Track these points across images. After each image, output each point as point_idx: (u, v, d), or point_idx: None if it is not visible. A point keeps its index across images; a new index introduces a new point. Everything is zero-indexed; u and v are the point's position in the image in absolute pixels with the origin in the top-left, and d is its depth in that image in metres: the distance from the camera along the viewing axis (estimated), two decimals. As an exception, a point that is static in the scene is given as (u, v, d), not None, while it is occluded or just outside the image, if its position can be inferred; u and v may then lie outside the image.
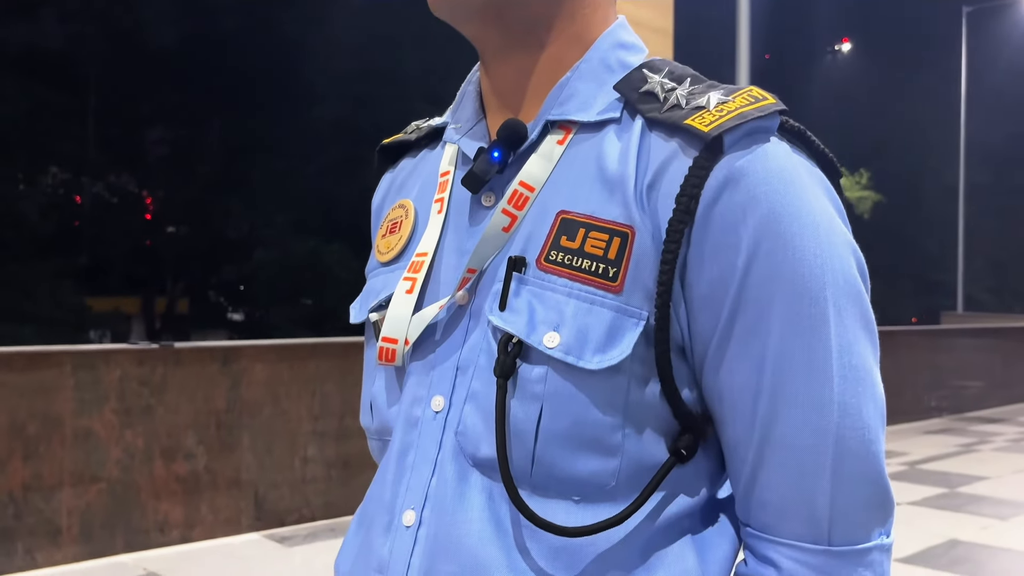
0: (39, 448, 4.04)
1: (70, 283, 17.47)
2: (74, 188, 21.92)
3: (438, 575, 0.67)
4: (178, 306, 22.34)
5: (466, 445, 0.69)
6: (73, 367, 4.15)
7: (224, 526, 4.58)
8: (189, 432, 4.48)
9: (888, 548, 0.67)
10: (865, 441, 0.65)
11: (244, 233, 22.34)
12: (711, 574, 0.68)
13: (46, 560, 4.04)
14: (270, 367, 4.78)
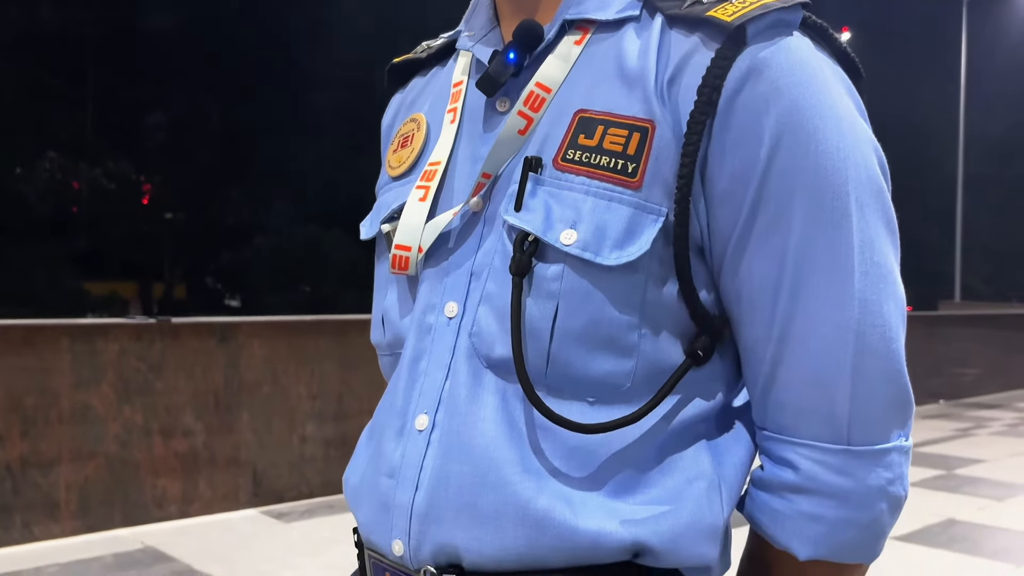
0: (37, 422, 4.02)
1: (67, 267, 17.46)
2: (72, 173, 21.87)
3: (451, 476, 0.66)
4: (175, 291, 22.32)
5: (480, 346, 0.67)
6: (70, 341, 4.14)
7: (222, 502, 4.57)
8: (187, 408, 4.47)
9: (907, 451, 0.66)
10: (886, 339, 0.64)
11: (243, 219, 22.32)
12: (727, 478, 0.66)
13: (44, 534, 4.03)
14: (268, 344, 4.76)
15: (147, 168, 23.12)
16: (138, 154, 22.47)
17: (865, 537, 0.65)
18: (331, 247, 18.60)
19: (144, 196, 23.73)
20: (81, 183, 22.23)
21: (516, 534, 0.63)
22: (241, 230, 21.55)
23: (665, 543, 0.63)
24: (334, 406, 4.98)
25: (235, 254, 20.98)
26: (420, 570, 0.67)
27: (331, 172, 20.09)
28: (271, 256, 19.35)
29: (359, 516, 0.73)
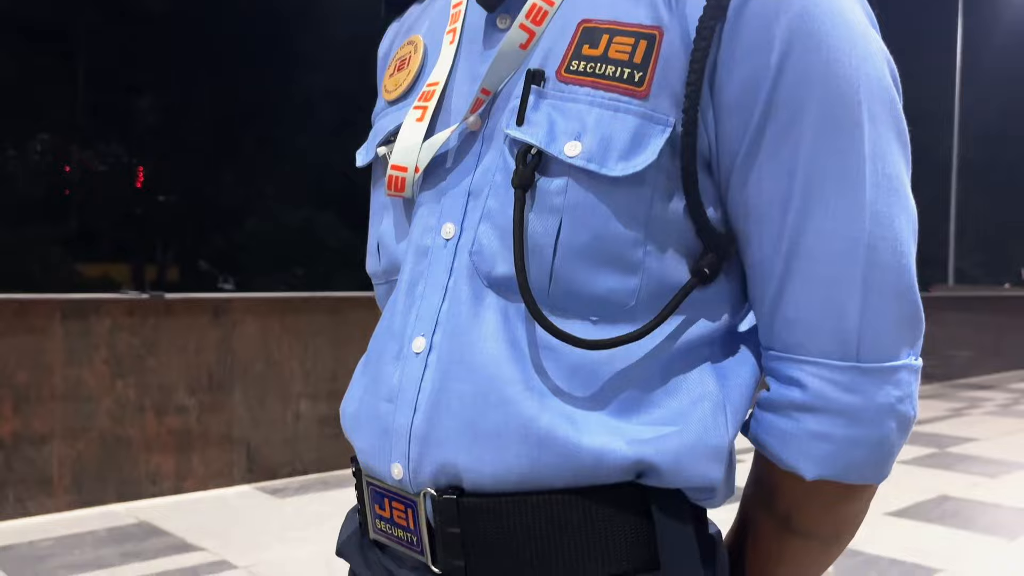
0: (29, 398, 4.00)
1: (59, 249, 17.37)
2: (64, 155, 21.74)
3: (451, 396, 0.64)
4: (168, 274, 22.24)
5: (481, 264, 0.66)
6: (63, 316, 4.11)
7: (216, 478, 4.56)
8: (181, 384, 4.46)
9: (917, 370, 0.65)
10: (897, 253, 0.62)
11: (236, 202, 22.23)
12: (732, 399, 0.65)
13: (37, 508, 4.02)
14: (261, 320, 4.74)
15: (140, 150, 23.00)
16: (130, 136, 22.36)
17: (873, 457, 0.64)
18: (324, 229, 18.55)
19: (137, 178, 23.62)
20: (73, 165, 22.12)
21: (518, 452, 0.62)
22: (234, 213, 21.47)
23: (669, 462, 0.62)
24: (328, 383, 4.97)
25: (228, 237, 20.90)
26: (420, 493, 0.65)
27: (324, 154, 19.99)
28: (264, 239, 19.28)
29: (357, 443, 0.71)
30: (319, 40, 20.38)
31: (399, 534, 0.68)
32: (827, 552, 0.69)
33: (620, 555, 0.62)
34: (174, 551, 3.59)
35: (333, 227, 18.31)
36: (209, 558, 3.51)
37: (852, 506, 0.67)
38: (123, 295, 4.44)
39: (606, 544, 0.62)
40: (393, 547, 0.69)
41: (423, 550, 0.66)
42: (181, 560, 3.49)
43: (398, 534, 0.68)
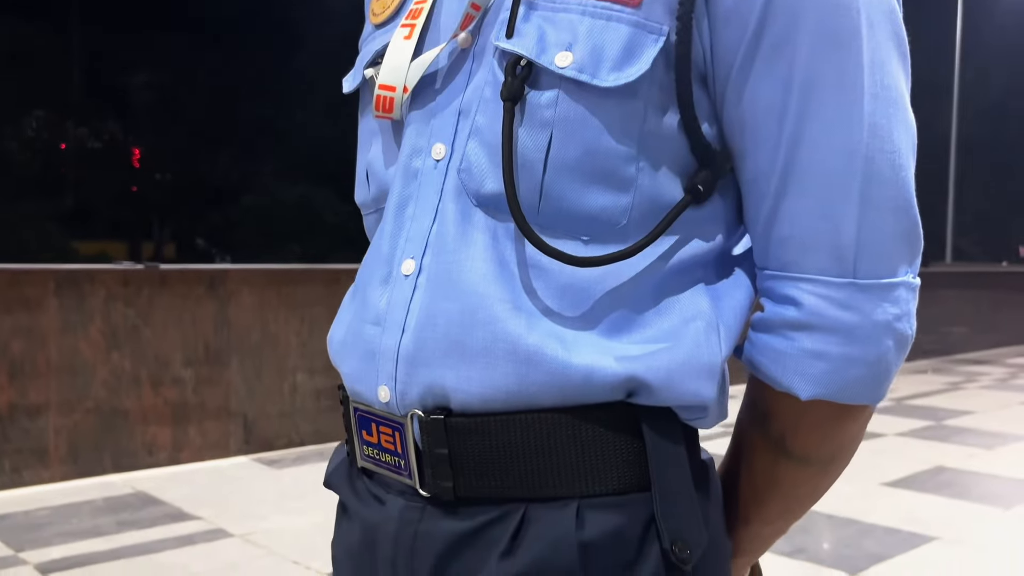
0: (25, 367, 3.99)
1: (56, 226, 17.33)
2: (59, 132, 21.65)
3: (438, 315, 0.62)
4: (165, 251, 22.20)
5: (469, 182, 0.64)
6: (57, 285, 4.09)
7: (212, 449, 4.56)
8: (176, 356, 4.44)
9: (915, 288, 0.63)
10: (896, 166, 0.61)
11: (232, 179, 22.17)
12: (725, 319, 0.64)
13: (33, 479, 4.01)
14: (258, 292, 4.72)
15: (135, 128, 22.92)
16: (126, 114, 22.27)
17: (870, 376, 0.62)
18: (321, 206, 18.51)
19: (133, 156, 23.55)
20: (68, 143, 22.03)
21: (506, 371, 0.60)
22: (230, 190, 21.42)
23: (660, 379, 0.61)
24: (324, 356, 4.95)
25: (224, 214, 20.86)
26: (407, 415, 0.64)
27: (320, 131, 19.91)
28: (261, 216, 19.25)
29: (344, 369, 0.70)
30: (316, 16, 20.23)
31: (386, 459, 0.66)
32: (823, 476, 0.67)
33: (610, 474, 0.61)
34: (170, 520, 3.59)
35: (330, 203, 18.26)
36: (205, 527, 3.51)
37: (848, 428, 0.65)
38: (117, 265, 4.42)
39: (595, 463, 0.60)
40: (381, 473, 0.68)
41: (411, 473, 0.64)
42: (177, 529, 3.49)
43: (385, 459, 0.67)
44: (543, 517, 0.61)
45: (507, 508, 0.62)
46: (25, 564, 3.08)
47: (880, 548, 3.45)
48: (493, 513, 0.62)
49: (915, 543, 3.52)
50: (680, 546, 0.60)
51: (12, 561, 3.11)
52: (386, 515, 0.67)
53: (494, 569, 0.61)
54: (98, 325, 4.20)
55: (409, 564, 0.64)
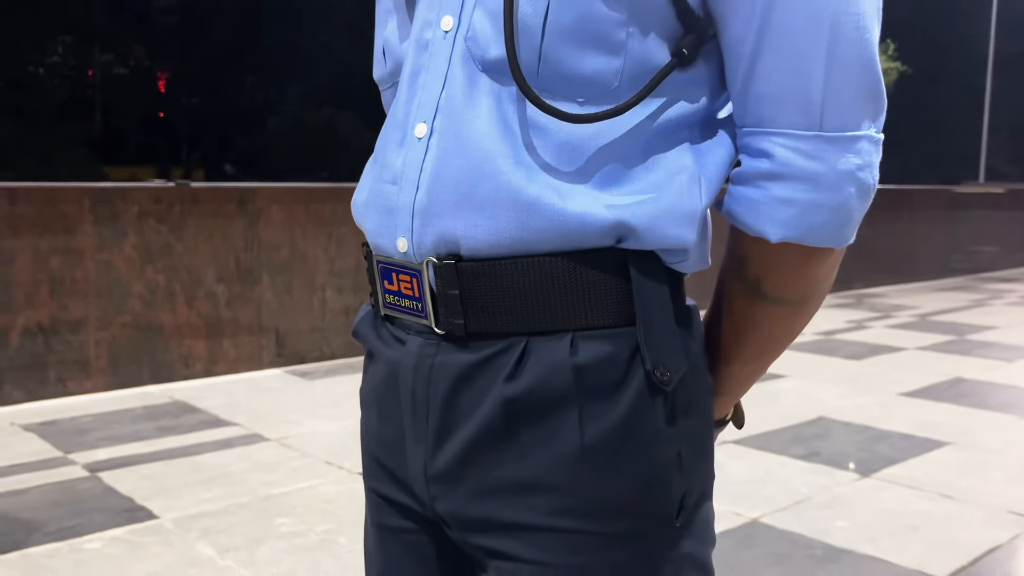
0: (64, 282, 4.13)
1: (85, 151, 17.47)
2: (86, 59, 21.65)
3: (448, 171, 0.70)
4: (194, 176, 22.34)
5: (475, 49, 0.70)
6: (91, 203, 4.20)
7: (246, 362, 4.71)
8: (209, 271, 4.56)
9: (877, 142, 0.69)
10: (860, 28, 0.66)
11: (257, 103, 22.14)
12: (707, 173, 0.70)
13: (76, 388, 4.19)
14: (286, 209, 4.81)
15: (161, 53, 22.85)
16: (151, 39, 22.18)
17: (834, 220, 0.69)
18: (347, 129, 18.48)
19: (159, 80, 23.54)
20: (95, 68, 22.04)
21: (508, 218, 0.67)
22: (255, 113, 21.41)
23: (645, 224, 0.68)
24: (352, 273, 5.07)
25: (251, 137, 20.90)
26: (423, 262, 0.71)
27: (343, 53, 19.75)
28: (286, 138, 19.26)
29: (367, 226, 0.77)
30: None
31: (406, 304, 0.74)
32: (795, 316, 0.75)
33: (601, 310, 0.68)
34: (208, 426, 3.75)
35: (356, 127, 18.23)
36: (241, 432, 3.67)
37: (816, 269, 0.72)
38: (149, 183, 4.52)
39: (589, 300, 0.68)
40: (401, 318, 0.76)
41: (427, 314, 0.72)
42: (215, 434, 3.65)
43: (405, 304, 0.75)
44: (542, 347, 0.69)
45: (511, 341, 0.70)
46: (74, 464, 3.25)
47: (894, 452, 3.54)
48: (499, 345, 0.70)
49: (928, 448, 3.61)
50: (661, 369, 0.68)
51: (62, 461, 3.28)
52: (407, 352, 0.75)
53: (499, 391, 0.69)
54: (132, 241, 4.32)
55: (426, 391, 0.73)
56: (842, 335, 6.15)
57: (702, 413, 0.74)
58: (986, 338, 6.12)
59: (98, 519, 2.77)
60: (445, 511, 0.74)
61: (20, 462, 3.27)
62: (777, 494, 3.06)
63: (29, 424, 3.74)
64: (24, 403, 4.03)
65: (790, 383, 4.69)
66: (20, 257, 4.02)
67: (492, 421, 0.70)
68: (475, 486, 0.72)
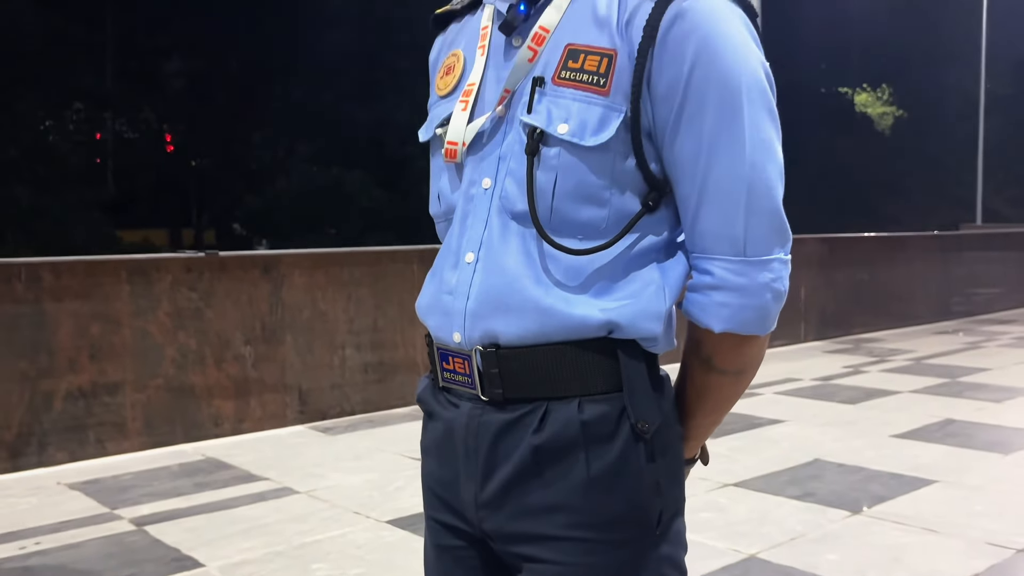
0: (103, 348, 4.42)
1: (99, 215, 17.88)
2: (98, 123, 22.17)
3: (489, 287, 0.99)
4: (205, 237, 22.71)
5: (506, 204, 1.00)
6: (128, 274, 4.51)
7: (272, 420, 4.98)
8: (236, 334, 4.86)
9: (785, 262, 0.99)
10: (768, 187, 0.96)
11: (266, 163, 22.59)
12: (670, 284, 1.00)
13: (115, 449, 4.45)
14: (308, 274, 5.12)
15: (169, 115, 23.40)
16: (160, 102, 22.72)
17: (757, 316, 0.98)
18: (353, 188, 18.89)
19: (168, 143, 24.08)
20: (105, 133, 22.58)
21: (532, 320, 0.96)
22: (265, 174, 21.85)
23: (627, 321, 0.96)
24: (370, 332, 5.36)
25: (260, 198, 21.32)
26: (472, 350, 1.00)
27: (350, 113, 20.26)
28: (295, 199, 19.66)
29: (429, 323, 1.06)
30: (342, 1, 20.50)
31: (460, 379, 1.03)
32: (738, 383, 1.04)
33: (599, 381, 0.97)
34: (241, 481, 4.01)
35: (364, 186, 18.65)
36: (273, 486, 3.93)
37: (749, 350, 1.01)
38: (181, 254, 4.84)
39: (590, 374, 0.96)
40: (456, 389, 1.04)
41: (475, 386, 1.01)
42: (248, 488, 3.91)
43: (459, 379, 1.03)
44: (558, 408, 0.97)
45: (536, 404, 0.98)
46: (120, 519, 3.51)
47: (883, 491, 3.79)
48: (527, 408, 0.99)
49: (916, 486, 3.85)
50: (642, 423, 0.97)
51: (109, 517, 3.54)
52: (460, 413, 1.04)
53: (529, 440, 0.98)
54: (165, 308, 4.63)
55: (475, 442, 1.01)
56: (839, 380, 6.41)
57: (674, 453, 1.02)
58: (978, 380, 6.37)
59: (150, 569, 3.02)
60: (491, 528, 1.02)
61: (71, 518, 3.53)
62: (773, 532, 3.31)
63: (74, 483, 4.01)
64: (66, 463, 4.29)
65: (789, 428, 4.95)
66: (63, 325, 4.32)
67: (524, 462, 0.98)
68: (513, 509, 1.00)
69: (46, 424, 4.26)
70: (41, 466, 4.23)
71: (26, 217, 15.63)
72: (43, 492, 3.89)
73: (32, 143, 17.18)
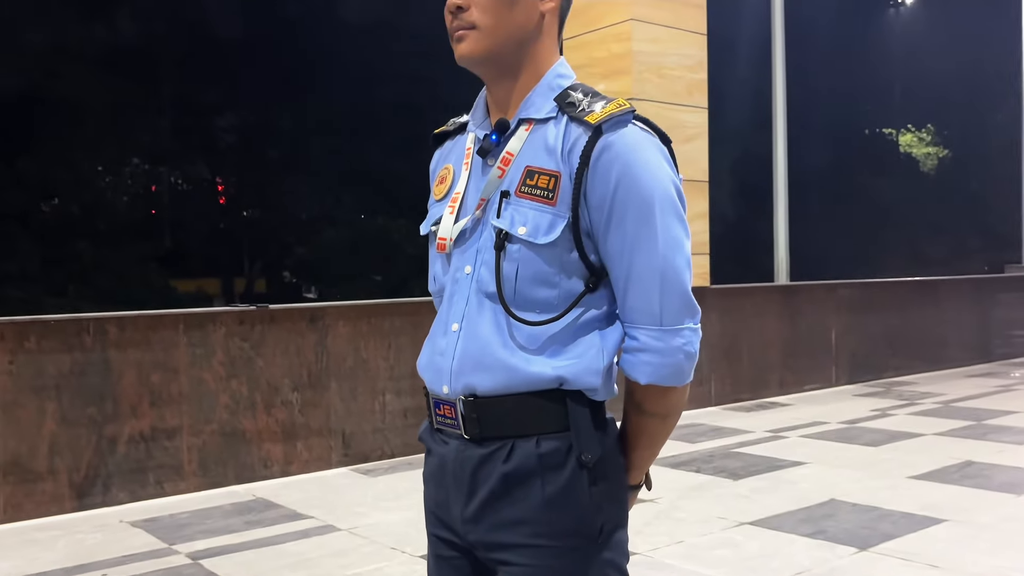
0: (162, 396, 4.79)
1: (155, 266, 18.56)
2: (154, 177, 23.03)
3: (467, 350, 1.28)
4: (256, 286, 23.34)
5: (482, 286, 1.30)
6: (185, 326, 4.89)
7: (317, 462, 5.30)
8: (285, 381, 5.20)
9: (695, 330, 1.27)
10: (678, 274, 1.25)
11: (314, 213, 23.21)
12: (607, 347, 1.28)
13: (172, 490, 4.80)
14: (351, 324, 5.47)
15: (222, 169, 24.22)
16: (213, 155, 23.54)
17: (673, 372, 1.26)
18: (399, 237, 19.38)
19: (220, 196, 24.90)
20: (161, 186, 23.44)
21: (501, 376, 1.25)
22: (313, 224, 22.46)
23: (573, 376, 1.25)
24: (409, 379, 5.67)
25: (309, 247, 21.92)
26: (456, 399, 1.29)
27: (395, 164, 20.84)
28: (343, 248, 20.20)
29: (426, 378, 1.36)
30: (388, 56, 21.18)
31: (448, 422, 1.32)
32: (665, 423, 1.31)
33: (552, 423, 1.25)
34: (287, 519, 4.32)
35: (409, 234, 19.12)
36: (317, 523, 4.23)
37: (671, 397, 1.29)
38: (234, 307, 5.21)
39: (545, 418, 1.25)
40: (446, 430, 1.33)
41: (460, 427, 1.29)
42: (295, 525, 4.21)
43: (448, 422, 1.32)
44: (522, 444, 1.26)
45: (505, 441, 1.27)
46: (178, 553, 3.83)
47: (893, 529, 3.97)
48: (498, 444, 1.27)
49: (926, 524, 4.02)
50: (585, 455, 1.25)
51: (168, 552, 3.86)
52: (449, 449, 1.33)
53: (500, 469, 1.26)
54: (219, 358, 4.99)
55: (461, 471, 1.30)
56: (865, 423, 6.56)
57: (615, 479, 1.30)
58: (1003, 422, 6.47)
59: (205, 596, 3.33)
60: (474, 539, 1.31)
61: (133, 552, 3.86)
62: (781, 567, 3.52)
63: (135, 521, 4.35)
64: (128, 503, 4.64)
65: (809, 469, 5.13)
66: (126, 374, 4.70)
67: (496, 486, 1.27)
68: (489, 523, 1.28)
69: (111, 466, 4.62)
70: (105, 505, 4.58)
71: (87, 270, 16.33)
72: (107, 529, 4.23)
73: (93, 200, 17.96)
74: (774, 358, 7.88)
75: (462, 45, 1.31)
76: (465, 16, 1.30)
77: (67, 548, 3.95)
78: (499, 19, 1.29)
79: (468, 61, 1.32)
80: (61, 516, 4.43)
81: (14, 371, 4.40)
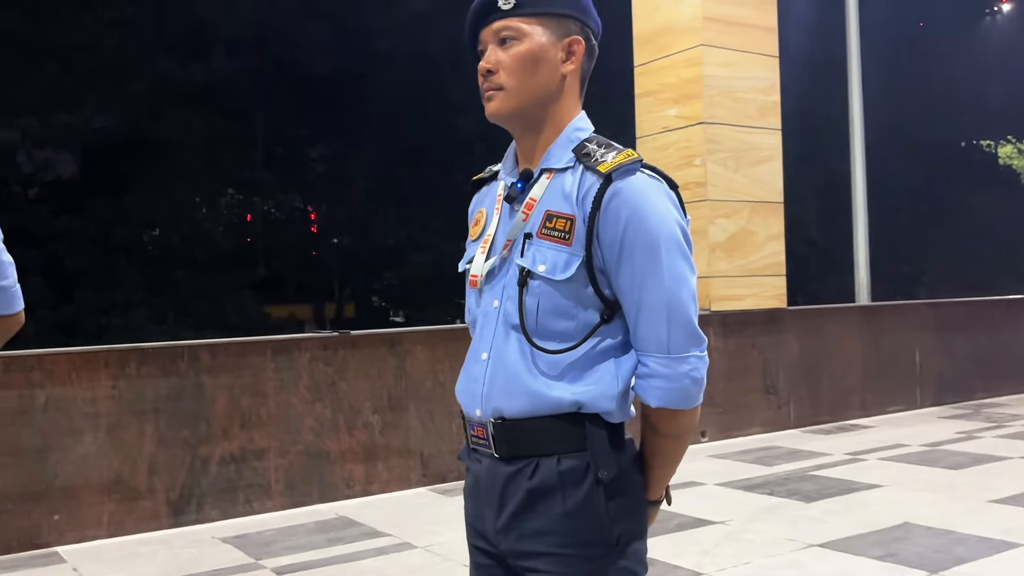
0: (251, 419, 5.06)
1: (250, 293, 19.25)
2: (248, 207, 23.90)
3: (497, 378, 1.43)
4: (345, 311, 23.94)
5: (508, 319, 1.44)
6: (273, 352, 5.16)
7: (397, 482, 5.50)
8: (366, 404, 5.43)
9: (701, 357, 1.39)
10: (683, 306, 1.37)
11: (401, 240, 23.71)
12: (621, 375, 1.41)
13: (260, 508, 5.05)
14: (429, 348, 5.67)
15: (313, 198, 24.98)
16: (304, 186, 24.31)
17: (681, 397, 1.38)
18: (483, 261, 19.62)
19: (312, 224, 25.67)
20: (255, 215, 24.30)
21: (526, 401, 1.39)
22: (400, 249, 22.95)
23: (589, 400, 1.37)
24: (486, 401, 5.82)
25: (396, 272, 22.39)
26: (487, 422, 1.43)
27: (479, 191, 21.13)
28: (428, 272, 20.60)
29: (462, 403, 1.50)
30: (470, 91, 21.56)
31: (481, 442, 1.46)
32: (678, 443, 1.43)
33: (572, 443, 1.37)
34: (367, 537, 4.51)
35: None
36: (395, 541, 4.41)
37: (682, 419, 1.40)
38: (318, 334, 5.47)
39: (565, 438, 1.38)
40: (480, 449, 1.47)
41: (491, 447, 1.43)
42: (373, 543, 4.40)
43: (481, 442, 1.46)
44: (545, 463, 1.39)
45: (530, 460, 1.40)
46: (264, 568, 4.06)
47: (967, 553, 3.93)
48: (524, 463, 1.41)
49: (1001, 549, 3.97)
50: (602, 472, 1.37)
51: (255, 567, 4.09)
52: (483, 467, 1.47)
53: (525, 485, 1.40)
54: (305, 382, 5.24)
55: (492, 487, 1.44)
56: (948, 446, 6.44)
57: (633, 494, 1.42)
58: (1095, 445, 6.27)
59: (288, 608, 3.53)
60: (506, 549, 1.44)
61: (223, 567, 4.10)
62: (847, 588, 3.53)
63: (226, 537, 4.60)
64: (219, 520, 4.91)
65: (885, 492, 5.09)
66: (218, 398, 4.98)
67: (522, 500, 1.40)
68: (518, 533, 1.42)
69: (204, 485, 4.90)
70: (198, 523, 4.85)
71: (185, 298, 17.07)
72: (200, 545, 4.49)
73: (190, 230, 18.76)
74: (855, 380, 7.78)
75: (491, 104, 1.47)
76: (494, 78, 1.45)
77: (165, 562, 4.21)
78: (523, 81, 1.44)
79: (496, 118, 1.47)
80: (159, 532, 4.72)
81: (116, 395, 4.72)
